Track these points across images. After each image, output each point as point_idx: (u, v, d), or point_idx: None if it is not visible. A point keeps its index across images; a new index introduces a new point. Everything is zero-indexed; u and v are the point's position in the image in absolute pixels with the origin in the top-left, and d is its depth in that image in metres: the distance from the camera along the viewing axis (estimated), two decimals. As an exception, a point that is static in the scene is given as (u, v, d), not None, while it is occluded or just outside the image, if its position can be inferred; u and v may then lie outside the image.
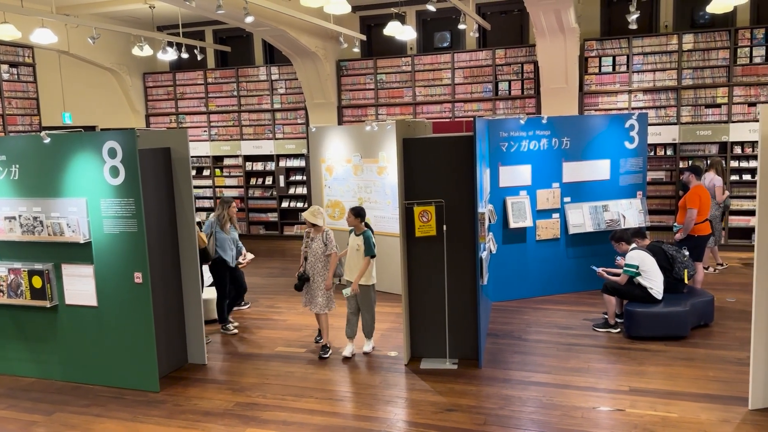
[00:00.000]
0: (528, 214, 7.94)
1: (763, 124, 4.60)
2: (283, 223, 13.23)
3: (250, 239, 13.07)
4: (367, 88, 12.36)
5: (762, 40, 10.11)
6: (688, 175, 7.65)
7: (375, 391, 5.49)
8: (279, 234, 13.22)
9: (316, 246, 6.22)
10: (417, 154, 5.96)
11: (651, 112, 10.63)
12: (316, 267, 6.26)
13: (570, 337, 6.60)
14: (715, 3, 8.19)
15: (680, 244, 7.26)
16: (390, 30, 9.25)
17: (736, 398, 5.00)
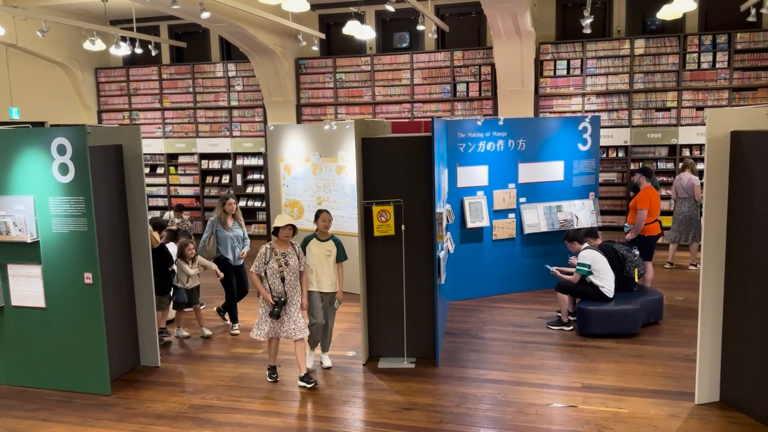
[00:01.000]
0: (485, 214, 8.04)
1: (709, 128, 4.76)
2: (240, 223, 13.03)
3: (206, 239, 12.85)
4: (327, 87, 12.30)
5: (710, 46, 10.48)
6: (638, 176, 7.88)
7: (332, 391, 5.47)
8: (236, 233, 13.02)
9: (294, 262, 5.52)
10: (376, 154, 5.96)
11: (604, 115, 10.89)
12: (294, 286, 5.55)
13: (525, 335, 6.71)
14: (666, 9, 8.46)
15: (631, 243, 7.46)
16: (349, 29, 9.23)
17: (683, 393, 5.17)
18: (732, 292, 4.83)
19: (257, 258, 5.51)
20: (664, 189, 10.72)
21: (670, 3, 8.32)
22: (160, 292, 6.65)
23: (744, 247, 4.68)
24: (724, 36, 10.38)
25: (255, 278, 5.51)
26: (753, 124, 4.75)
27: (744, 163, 4.64)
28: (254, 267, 5.51)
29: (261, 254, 5.51)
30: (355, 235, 7.13)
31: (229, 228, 7.02)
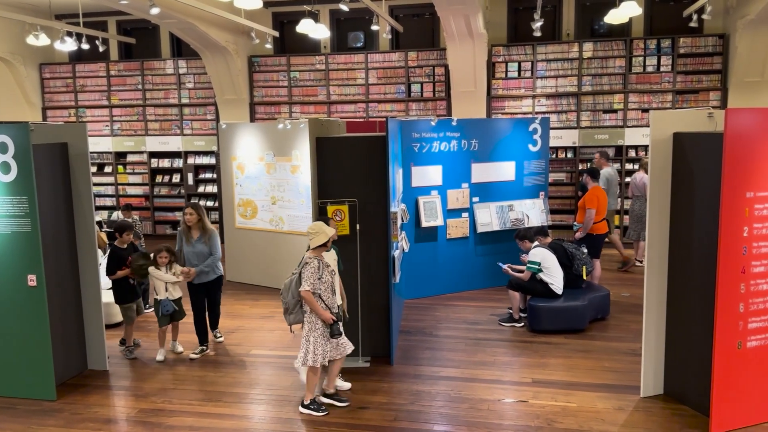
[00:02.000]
0: (439, 213, 8.12)
1: (653, 129, 4.93)
2: (192, 223, 12.80)
3: (156, 239, 12.56)
4: (281, 86, 12.20)
5: (654, 50, 10.84)
6: (586, 177, 8.12)
7: (286, 392, 5.44)
8: (188, 233, 12.78)
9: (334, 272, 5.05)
10: (330, 154, 5.95)
11: (553, 116, 11.14)
12: (335, 300, 5.03)
13: (478, 332, 6.82)
14: (612, 14, 8.73)
15: (579, 242, 7.67)
16: (303, 27, 9.19)
17: (629, 387, 5.34)
18: (674, 289, 5.02)
19: (310, 274, 4.77)
20: (611, 189, 11.03)
21: (616, 8, 8.60)
22: (122, 300, 6.26)
23: (686, 244, 4.87)
24: (667, 40, 10.76)
25: (310, 297, 4.78)
26: (694, 126, 4.94)
27: (685, 164, 4.83)
28: (309, 285, 4.76)
29: (313, 269, 4.79)
30: (309, 235, 7.10)
31: (190, 242, 6.17)
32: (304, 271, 4.82)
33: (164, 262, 6.16)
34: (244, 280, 9.09)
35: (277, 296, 8.24)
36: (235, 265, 9.18)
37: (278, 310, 7.77)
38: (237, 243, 9.12)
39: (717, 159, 4.33)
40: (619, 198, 11.00)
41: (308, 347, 4.90)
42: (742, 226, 4.36)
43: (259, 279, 8.93)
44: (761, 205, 4.39)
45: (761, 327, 4.53)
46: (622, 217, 11.07)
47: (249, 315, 7.65)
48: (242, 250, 9.05)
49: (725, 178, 4.27)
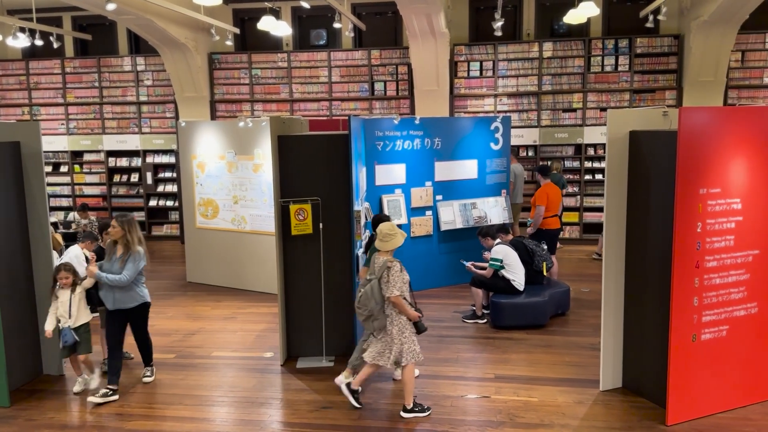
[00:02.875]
0: (403, 211, 8.14)
1: (610, 128, 5.03)
2: (151, 223, 12.56)
3: (115, 240, 12.29)
4: (242, 83, 12.05)
5: (612, 50, 11.07)
6: (537, 174, 8.33)
7: (249, 393, 5.38)
8: (147, 234, 12.54)
9: None
10: (293, 152, 5.90)
11: (514, 115, 11.28)
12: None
13: (441, 329, 6.85)
14: (571, 14, 8.88)
15: (534, 238, 7.79)
16: (264, 25, 9.09)
17: (589, 381, 5.44)
18: (632, 284, 5.13)
19: (396, 279, 4.70)
20: (571, 186, 11.24)
21: (575, 8, 8.75)
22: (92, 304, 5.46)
23: (642, 240, 4.99)
24: (625, 41, 11.00)
25: (400, 300, 4.72)
26: (650, 125, 5.06)
27: (641, 161, 4.94)
28: (398, 289, 4.69)
29: (398, 272, 4.72)
30: (272, 234, 7.04)
31: (111, 258, 5.29)
32: (390, 275, 4.70)
33: (67, 284, 5.22)
34: (205, 281, 8.95)
35: (240, 296, 8.21)
36: (196, 266, 9.03)
37: (240, 311, 7.69)
38: (198, 243, 8.98)
39: (671, 156, 4.44)
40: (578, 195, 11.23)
41: (402, 348, 4.81)
42: (696, 221, 4.48)
43: (221, 280, 8.80)
44: (714, 202, 4.52)
45: (715, 320, 4.66)
46: (582, 214, 11.29)
47: (210, 316, 7.54)
48: (203, 250, 8.91)
49: (679, 175, 4.39)
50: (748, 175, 4.63)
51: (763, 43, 10.65)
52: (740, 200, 4.62)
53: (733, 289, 4.69)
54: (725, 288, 4.66)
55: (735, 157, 4.56)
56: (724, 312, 4.68)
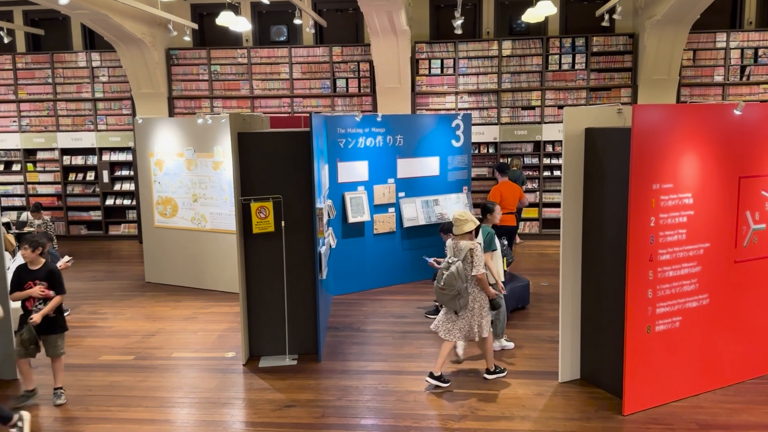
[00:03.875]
0: (366, 208, 8.15)
1: (566, 125, 5.13)
2: (108, 222, 12.28)
3: (69, 240, 11.99)
4: (201, 79, 11.87)
5: (569, 48, 11.27)
6: (495, 172, 8.47)
7: (210, 394, 5.32)
8: (104, 234, 12.25)
9: None
10: (253, 149, 5.85)
11: (475, 112, 11.39)
12: None
13: (405, 325, 6.89)
14: (530, 13, 9.00)
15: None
16: (223, 20, 8.96)
17: (548, 373, 5.55)
18: (588, 278, 5.25)
19: (480, 258, 5.15)
20: (531, 182, 11.42)
21: (533, 7, 8.87)
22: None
23: (598, 235, 5.10)
24: (582, 39, 11.21)
25: (484, 278, 5.21)
26: (605, 122, 5.18)
27: (597, 157, 5.06)
28: (483, 268, 5.17)
29: (480, 253, 5.19)
30: (233, 233, 6.96)
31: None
32: (474, 256, 5.14)
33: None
34: (165, 281, 8.80)
35: (201, 296, 8.10)
36: (155, 265, 8.87)
37: (201, 311, 7.59)
38: (157, 243, 8.81)
39: (625, 153, 4.56)
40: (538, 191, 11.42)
41: (482, 322, 5.25)
42: (649, 216, 4.61)
43: (181, 280, 8.67)
44: (666, 196, 4.66)
45: (668, 311, 4.81)
46: (541, 209, 11.49)
47: (170, 317, 7.42)
48: (162, 250, 8.76)
49: (633, 170, 4.51)
50: (699, 171, 4.78)
51: (713, 42, 10.99)
52: (692, 195, 4.77)
53: (686, 282, 4.85)
54: (678, 280, 4.81)
55: (686, 153, 4.70)
56: (677, 303, 4.83)
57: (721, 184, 4.91)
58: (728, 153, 4.89)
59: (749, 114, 4.93)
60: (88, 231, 12.38)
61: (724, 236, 4.98)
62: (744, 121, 4.91)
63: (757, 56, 10.94)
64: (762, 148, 5.04)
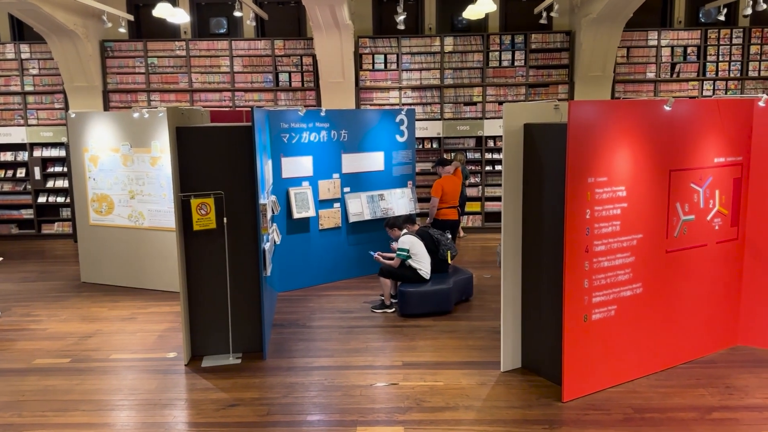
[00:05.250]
0: (311, 204, 8.10)
1: (505, 121, 5.24)
2: (40, 221, 11.77)
3: (-1, 240, 11.44)
4: (137, 72, 11.50)
5: (509, 45, 11.49)
6: (436, 167, 8.57)
7: (151, 396, 5.18)
8: (36, 233, 11.74)
9: None
10: (193, 144, 5.71)
11: (419, 108, 11.47)
12: None
13: (351, 320, 6.90)
14: (470, 9, 9.13)
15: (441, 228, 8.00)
16: (160, 12, 8.71)
17: (491, 363, 5.66)
18: (528, 269, 5.38)
19: None
20: (473, 177, 11.60)
21: (474, 3, 9.00)
22: None
23: (536, 227, 5.24)
24: (521, 36, 11.45)
25: None
26: (543, 118, 5.31)
27: (535, 152, 5.19)
28: None
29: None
30: (172, 230, 6.79)
31: None
32: None
33: None
34: (101, 281, 8.51)
35: (140, 296, 7.91)
36: (91, 265, 8.56)
37: (140, 311, 7.39)
38: (92, 241, 8.51)
39: (562, 148, 4.69)
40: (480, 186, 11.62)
41: None
42: (585, 208, 4.77)
43: (119, 279, 8.40)
44: (601, 190, 4.82)
45: (604, 300, 4.98)
46: (483, 203, 11.69)
47: (108, 318, 7.19)
48: (99, 248, 8.46)
49: (569, 165, 4.64)
50: (632, 165, 4.97)
51: (646, 40, 11.42)
52: (625, 188, 4.95)
53: (620, 271, 5.04)
54: (612, 270, 4.99)
55: (620, 147, 4.88)
56: (612, 293, 5.02)
57: (653, 177, 5.11)
58: (659, 147, 5.11)
59: (678, 110, 5.16)
60: (20, 230, 11.83)
61: (656, 227, 5.20)
62: (674, 116, 5.13)
63: (686, 54, 11.44)
64: (690, 142, 5.28)
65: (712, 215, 5.52)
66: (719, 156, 5.47)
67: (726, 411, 4.73)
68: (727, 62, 11.41)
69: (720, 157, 5.47)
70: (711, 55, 11.39)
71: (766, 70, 11.39)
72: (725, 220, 5.62)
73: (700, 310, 5.61)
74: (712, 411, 4.74)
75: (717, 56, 11.40)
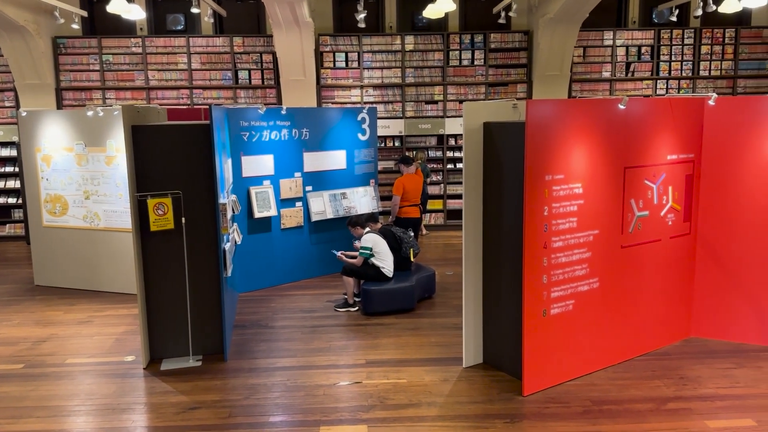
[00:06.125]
0: (272, 203, 8.03)
1: (465, 119, 5.29)
2: (-9, 223, 11.40)
3: (-54, 243, 11.01)
4: (92, 69, 11.22)
5: (468, 44, 11.60)
6: (399, 165, 8.61)
7: (109, 400, 5.07)
8: (-14, 235, 11.36)
9: None
10: (149, 143, 5.60)
11: (380, 106, 11.49)
12: None
13: (314, 320, 6.87)
14: (430, 8, 9.18)
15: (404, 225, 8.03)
16: (114, 7, 8.50)
17: (453, 359, 5.72)
18: (489, 266, 5.45)
19: None
20: (435, 175, 11.68)
21: (433, 2, 9.06)
22: None
23: (496, 224, 5.30)
24: (480, 36, 11.57)
25: None
26: (502, 116, 5.38)
27: (494, 151, 5.25)
28: None
29: None
30: (129, 231, 6.64)
31: None
32: None
33: None
34: (56, 284, 8.28)
35: (97, 298, 7.73)
36: (45, 267, 8.32)
37: (97, 314, 7.21)
38: (46, 243, 8.26)
39: (520, 146, 4.75)
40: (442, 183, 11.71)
41: None
42: (543, 205, 4.84)
43: (74, 282, 8.18)
44: (558, 187, 4.91)
45: (562, 295, 5.08)
46: (445, 201, 11.78)
47: (63, 321, 7.00)
48: (53, 251, 8.23)
49: (527, 162, 4.71)
50: (588, 162, 5.07)
51: (601, 40, 11.67)
52: (581, 185, 5.05)
53: (577, 267, 5.14)
54: (570, 266, 5.09)
55: (576, 145, 4.98)
56: (570, 288, 5.12)
57: (608, 175, 5.23)
58: (614, 145, 5.22)
59: (632, 108, 5.28)
60: (-32, 233, 11.43)
61: (612, 223, 5.32)
62: (628, 115, 5.25)
63: (640, 53, 11.73)
64: (644, 140, 5.41)
65: (665, 211, 5.68)
66: (672, 153, 5.62)
67: (680, 401, 4.88)
68: (679, 62, 11.76)
69: (673, 154, 5.63)
70: (664, 55, 11.71)
71: (716, 70, 11.77)
72: (678, 215, 5.78)
73: (655, 304, 5.76)
74: (667, 402, 4.87)
75: (670, 56, 11.73)
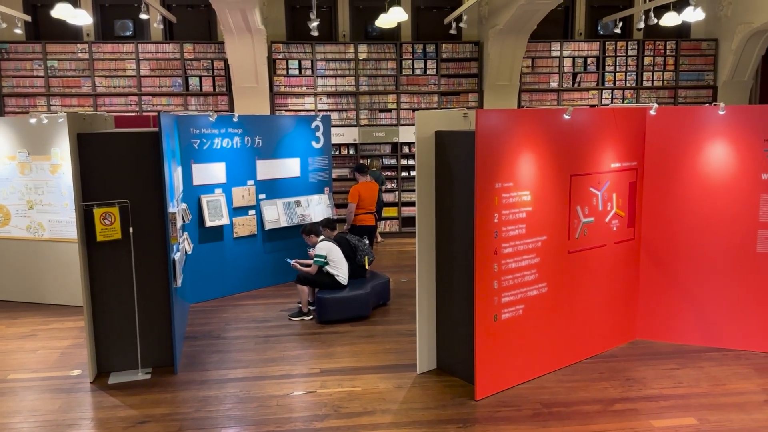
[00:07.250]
0: (224, 211, 7.92)
1: (418, 128, 5.35)
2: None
3: None
4: (36, 75, 10.87)
5: (421, 54, 11.73)
6: (354, 172, 8.65)
7: (54, 416, 4.90)
8: None
9: None
10: (96, 151, 5.46)
11: (335, 114, 11.50)
12: None
13: (267, 329, 6.80)
14: (383, 18, 9.26)
15: (359, 233, 8.05)
16: (59, 12, 8.26)
17: (407, 365, 5.75)
18: (442, 272, 5.51)
19: None
20: (390, 183, 11.74)
21: (386, 12, 9.14)
22: None
23: (449, 232, 5.38)
24: (432, 45, 11.72)
25: None
26: (453, 125, 5.46)
27: (446, 159, 5.32)
28: None
29: None
30: (75, 242, 6.45)
31: None
32: None
33: None
34: (-3, 297, 7.97)
35: (41, 311, 7.48)
36: (-15, 280, 7.99)
37: (41, 327, 6.97)
38: (-13, 255, 7.94)
39: (471, 154, 4.84)
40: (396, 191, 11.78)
41: None
42: (493, 213, 4.94)
43: (16, 294, 7.88)
44: (507, 194, 5.01)
45: (512, 300, 5.18)
46: (400, 208, 11.85)
47: (4, 336, 6.73)
48: (-6, 262, 7.91)
49: (477, 170, 4.80)
50: (536, 170, 5.20)
51: (549, 51, 11.98)
52: (530, 192, 5.17)
53: (527, 272, 5.25)
54: (520, 271, 5.20)
55: (524, 153, 5.10)
56: (519, 293, 5.22)
57: (555, 182, 5.37)
58: (561, 153, 5.37)
59: (578, 118, 5.45)
60: None
61: (559, 229, 5.47)
62: (573, 124, 5.41)
63: (586, 64, 12.09)
64: (589, 149, 5.59)
65: (610, 217, 5.86)
66: (616, 161, 5.82)
67: (626, 402, 5.03)
68: (623, 72, 12.16)
69: (616, 162, 5.82)
70: (609, 66, 12.10)
71: (658, 80, 12.23)
72: (622, 221, 5.98)
73: (602, 307, 5.94)
74: (614, 403, 5.02)
75: (615, 67, 12.13)
